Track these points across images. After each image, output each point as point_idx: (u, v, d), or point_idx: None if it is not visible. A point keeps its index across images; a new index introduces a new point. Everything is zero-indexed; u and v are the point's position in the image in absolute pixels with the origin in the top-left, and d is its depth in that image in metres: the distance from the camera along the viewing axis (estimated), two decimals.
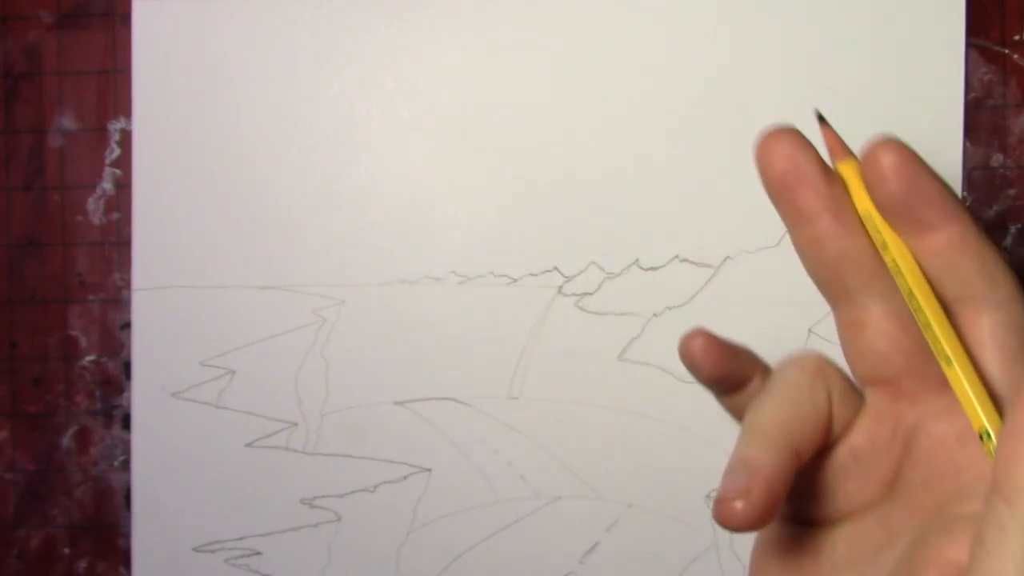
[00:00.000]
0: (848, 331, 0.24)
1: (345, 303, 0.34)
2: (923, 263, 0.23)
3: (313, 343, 0.34)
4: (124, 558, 0.35)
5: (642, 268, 0.34)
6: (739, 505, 0.21)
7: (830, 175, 0.23)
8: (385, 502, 0.34)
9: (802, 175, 0.23)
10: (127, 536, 0.35)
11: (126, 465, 0.35)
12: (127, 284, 0.35)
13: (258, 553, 0.35)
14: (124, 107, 0.35)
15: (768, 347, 0.34)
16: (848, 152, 0.24)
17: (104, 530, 0.36)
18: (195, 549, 0.35)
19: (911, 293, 0.23)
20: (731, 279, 0.34)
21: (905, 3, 0.33)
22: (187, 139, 0.35)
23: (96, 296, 0.35)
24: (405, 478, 0.34)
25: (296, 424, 0.35)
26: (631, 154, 0.34)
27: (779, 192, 0.23)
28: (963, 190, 0.34)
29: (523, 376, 0.34)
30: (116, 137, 0.35)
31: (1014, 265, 0.34)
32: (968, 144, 0.34)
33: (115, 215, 0.35)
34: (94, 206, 0.35)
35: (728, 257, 0.34)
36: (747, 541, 0.34)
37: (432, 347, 0.34)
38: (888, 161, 0.22)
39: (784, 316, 0.34)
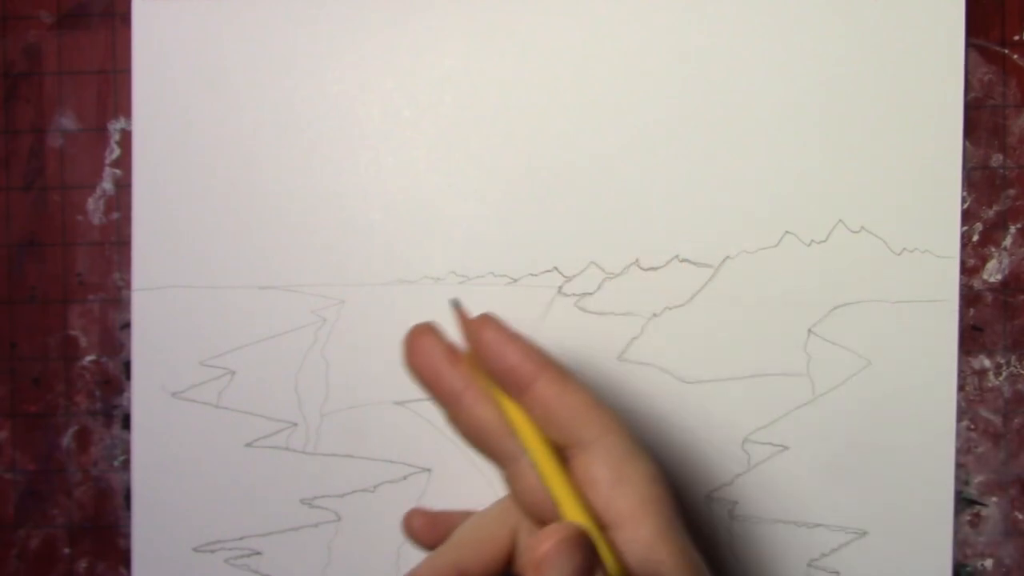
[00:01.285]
0: (511, 483, 0.27)
1: (345, 303, 0.34)
2: (532, 419, 0.25)
3: (313, 343, 0.34)
4: (124, 558, 0.35)
5: (642, 268, 0.34)
6: None
7: (461, 361, 0.26)
8: (385, 502, 0.34)
9: (436, 368, 0.26)
10: (127, 536, 0.35)
11: (126, 465, 0.35)
12: (127, 284, 0.35)
13: (258, 553, 0.35)
14: (124, 107, 0.35)
15: (768, 347, 0.34)
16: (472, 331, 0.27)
17: (104, 530, 0.36)
18: (195, 549, 0.35)
19: (528, 447, 0.25)
20: (731, 279, 0.34)
21: (905, 3, 0.33)
22: (187, 139, 0.35)
23: (96, 296, 0.35)
24: (405, 478, 0.34)
25: (296, 424, 0.35)
26: (631, 154, 0.34)
27: (425, 384, 0.27)
28: (963, 190, 0.34)
29: None
30: (116, 137, 0.35)
31: (1014, 265, 0.34)
32: (968, 144, 0.34)
33: (115, 215, 0.35)
34: (94, 206, 0.35)
35: (728, 257, 0.34)
36: (747, 541, 0.35)
37: None
38: (481, 336, 0.25)
39: (784, 316, 0.34)
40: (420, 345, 0.26)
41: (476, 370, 0.26)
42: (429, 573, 0.26)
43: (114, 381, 0.35)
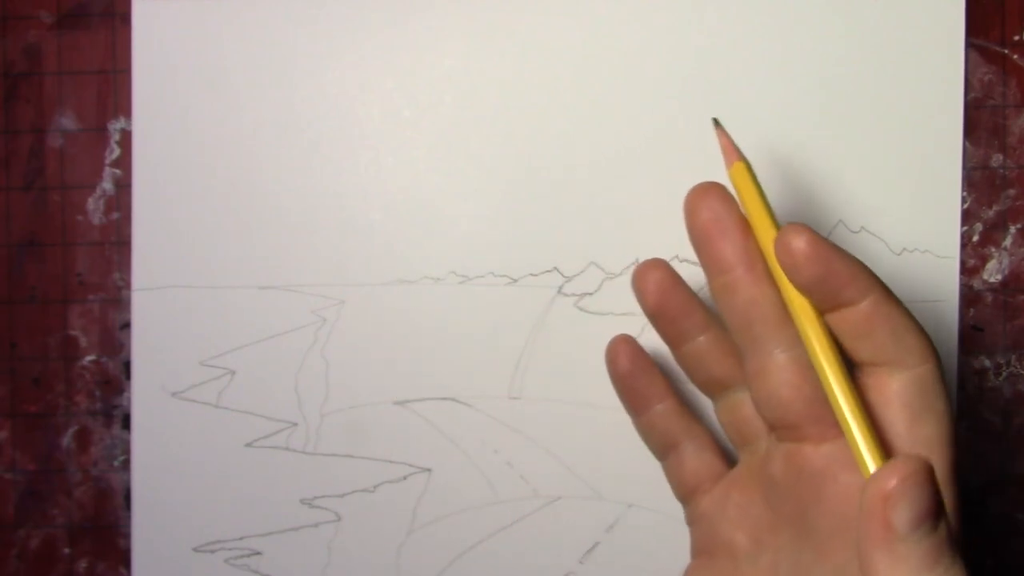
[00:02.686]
0: (754, 377, 0.25)
1: (345, 303, 0.34)
2: (837, 330, 0.24)
3: (313, 343, 0.34)
4: (124, 558, 0.35)
5: None
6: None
7: (749, 231, 0.24)
8: (385, 502, 0.34)
9: (723, 227, 0.25)
10: (127, 536, 0.35)
11: (126, 465, 0.35)
12: (127, 284, 0.35)
13: (258, 553, 0.35)
14: (124, 107, 0.35)
15: None
16: (740, 155, 0.26)
17: (104, 530, 0.36)
18: (195, 549, 0.35)
19: (813, 349, 0.24)
20: None
21: (905, 3, 0.33)
22: (187, 139, 0.35)
23: (96, 296, 0.35)
24: (405, 478, 0.34)
25: (296, 424, 0.35)
26: (631, 154, 0.34)
27: (701, 241, 0.26)
28: (963, 190, 0.34)
29: (523, 376, 0.34)
30: (116, 137, 0.35)
31: (1014, 265, 0.34)
32: (968, 144, 0.34)
33: (115, 215, 0.35)
34: (94, 206, 0.35)
35: None
36: None
37: (432, 347, 0.34)
38: (799, 248, 0.24)
39: None
40: (709, 201, 0.25)
41: (778, 273, 0.25)
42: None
43: (114, 381, 0.35)
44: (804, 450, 0.25)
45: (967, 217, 0.34)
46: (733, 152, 0.27)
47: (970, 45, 0.34)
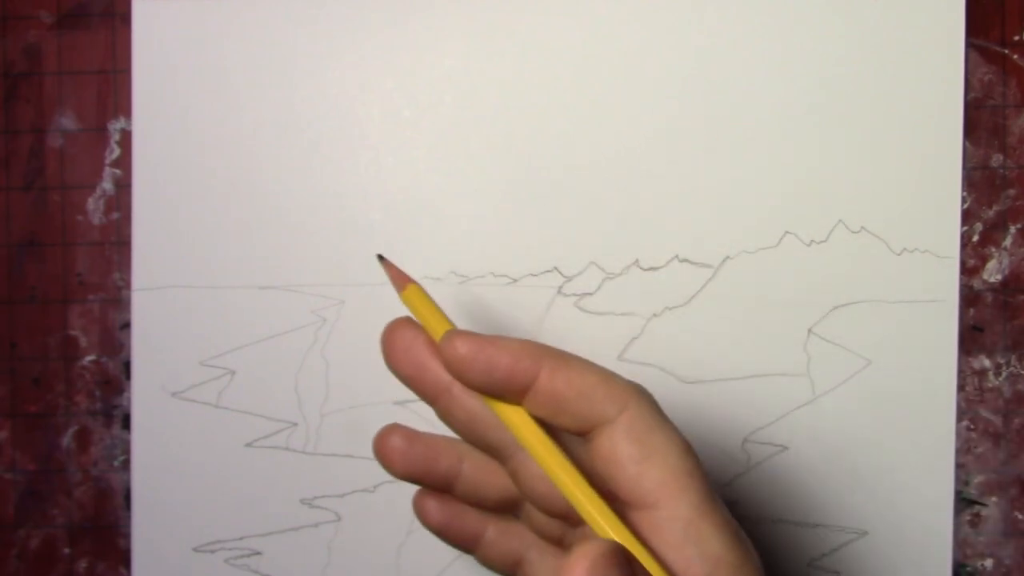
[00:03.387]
0: (515, 476, 0.25)
1: (345, 303, 0.34)
2: (541, 408, 0.23)
3: (313, 343, 0.34)
4: (124, 558, 0.35)
5: (642, 268, 0.34)
6: None
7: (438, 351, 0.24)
8: (385, 502, 0.34)
9: (417, 358, 0.25)
10: (127, 536, 0.35)
11: (126, 465, 0.35)
12: (127, 284, 0.35)
13: (258, 553, 0.35)
14: (124, 107, 0.35)
15: (768, 347, 0.34)
16: (407, 280, 0.26)
17: (104, 530, 0.36)
18: (195, 549, 0.35)
19: (529, 447, 0.24)
20: (731, 279, 0.34)
21: (905, 3, 0.33)
22: (187, 139, 0.35)
23: (96, 296, 0.35)
24: None
25: (296, 424, 0.35)
26: (631, 154, 0.34)
27: (405, 379, 0.25)
28: (963, 190, 0.34)
29: None
30: (116, 137, 0.35)
31: (1014, 265, 0.34)
32: (968, 144, 0.34)
33: (115, 215, 0.35)
34: (94, 206, 0.35)
35: (728, 257, 0.34)
36: None
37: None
38: (456, 353, 0.23)
39: (784, 316, 0.34)
40: (399, 340, 0.25)
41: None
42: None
43: (114, 381, 0.35)
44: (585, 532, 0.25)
45: (967, 217, 0.34)
46: (402, 278, 0.26)
47: (970, 45, 0.34)
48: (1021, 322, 0.34)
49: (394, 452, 0.26)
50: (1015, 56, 0.34)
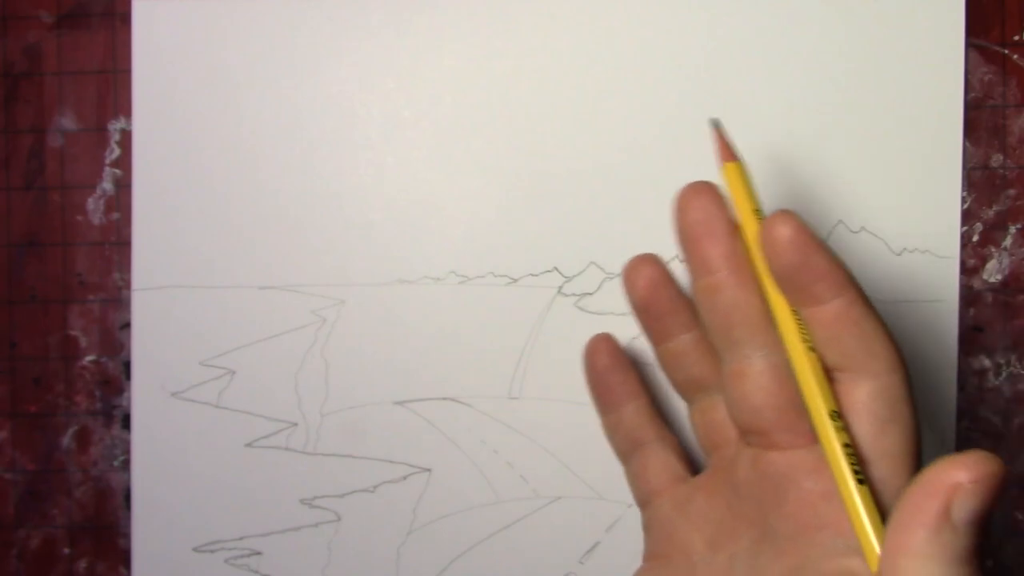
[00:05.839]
0: (729, 380, 0.25)
1: (345, 303, 0.34)
2: (810, 330, 0.24)
3: (313, 343, 0.34)
4: (124, 558, 0.35)
5: None
6: None
7: (737, 235, 0.24)
8: (385, 502, 0.34)
9: (711, 228, 0.25)
10: (127, 536, 0.35)
11: (126, 465, 0.35)
12: (127, 284, 0.35)
13: (258, 553, 0.35)
14: (124, 107, 0.35)
15: None
16: (734, 155, 0.26)
17: (104, 530, 0.36)
18: (195, 549, 0.35)
19: (793, 354, 0.24)
20: None
21: (905, 3, 0.33)
22: (187, 139, 0.35)
23: (96, 296, 0.35)
24: (405, 478, 0.34)
25: (296, 424, 0.35)
26: (631, 154, 0.34)
27: (688, 241, 0.25)
28: (963, 190, 0.34)
29: (523, 376, 0.34)
30: (116, 137, 0.35)
31: (1014, 265, 0.34)
32: (968, 144, 0.34)
33: (115, 215, 0.35)
34: (94, 206, 0.35)
35: None
36: None
37: (432, 347, 0.34)
38: (782, 234, 0.23)
39: None
40: (699, 201, 0.25)
41: (747, 252, 0.24)
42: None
43: (114, 381, 0.35)
44: (770, 455, 0.25)
45: (967, 217, 0.34)
46: (727, 151, 0.27)
47: (970, 45, 0.34)
48: (1021, 322, 0.34)
49: (643, 279, 0.28)
50: (1015, 56, 0.34)
